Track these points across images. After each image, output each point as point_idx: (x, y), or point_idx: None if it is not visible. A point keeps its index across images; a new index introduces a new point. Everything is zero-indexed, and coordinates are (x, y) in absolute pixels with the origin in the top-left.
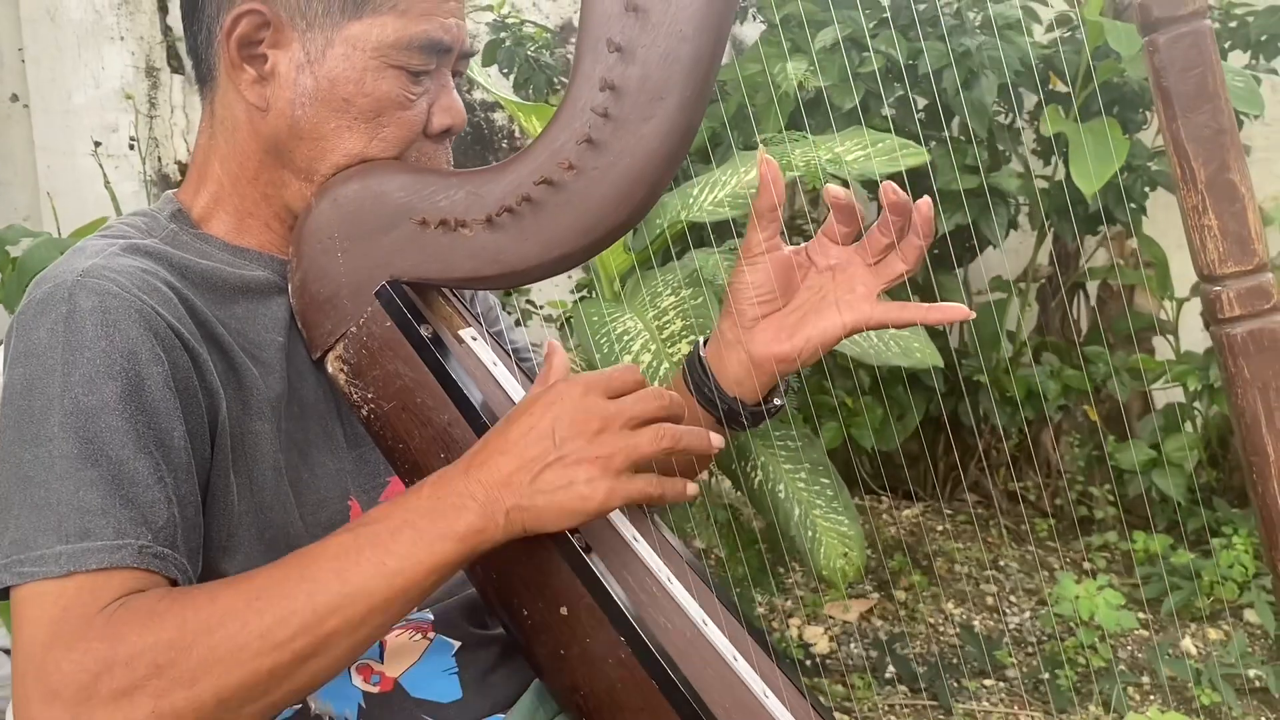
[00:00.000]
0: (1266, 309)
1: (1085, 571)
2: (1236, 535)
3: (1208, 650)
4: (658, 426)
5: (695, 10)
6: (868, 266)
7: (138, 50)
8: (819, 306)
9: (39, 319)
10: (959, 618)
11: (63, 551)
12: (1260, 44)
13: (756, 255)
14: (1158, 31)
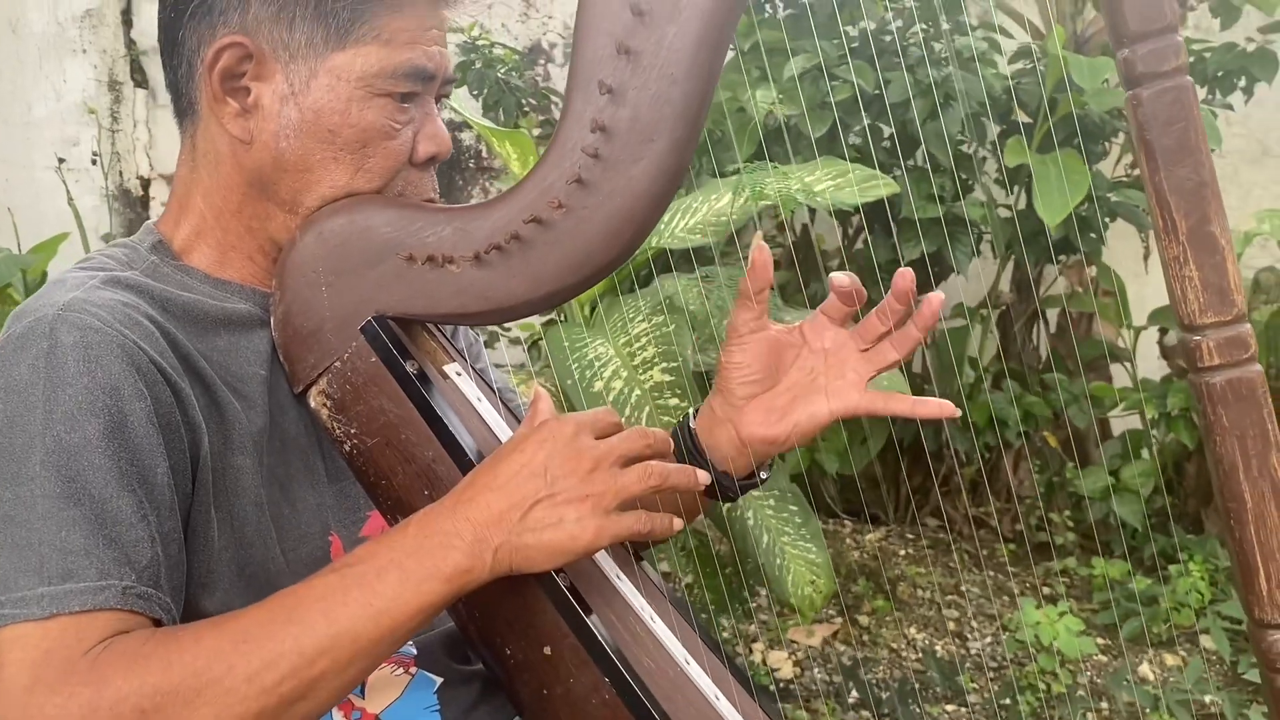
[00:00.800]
0: (1245, 358)
1: (1045, 597)
2: (1193, 561)
3: (1165, 676)
4: (645, 465)
5: (686, 54)
6: (860, 352)
7: (100, 64)
8: (808, 391)
9: (19, 354)
10: (921, 643)
11: (45, 593)
12: (1217, 79)
13: (744, 335)
14: (1141, 86)
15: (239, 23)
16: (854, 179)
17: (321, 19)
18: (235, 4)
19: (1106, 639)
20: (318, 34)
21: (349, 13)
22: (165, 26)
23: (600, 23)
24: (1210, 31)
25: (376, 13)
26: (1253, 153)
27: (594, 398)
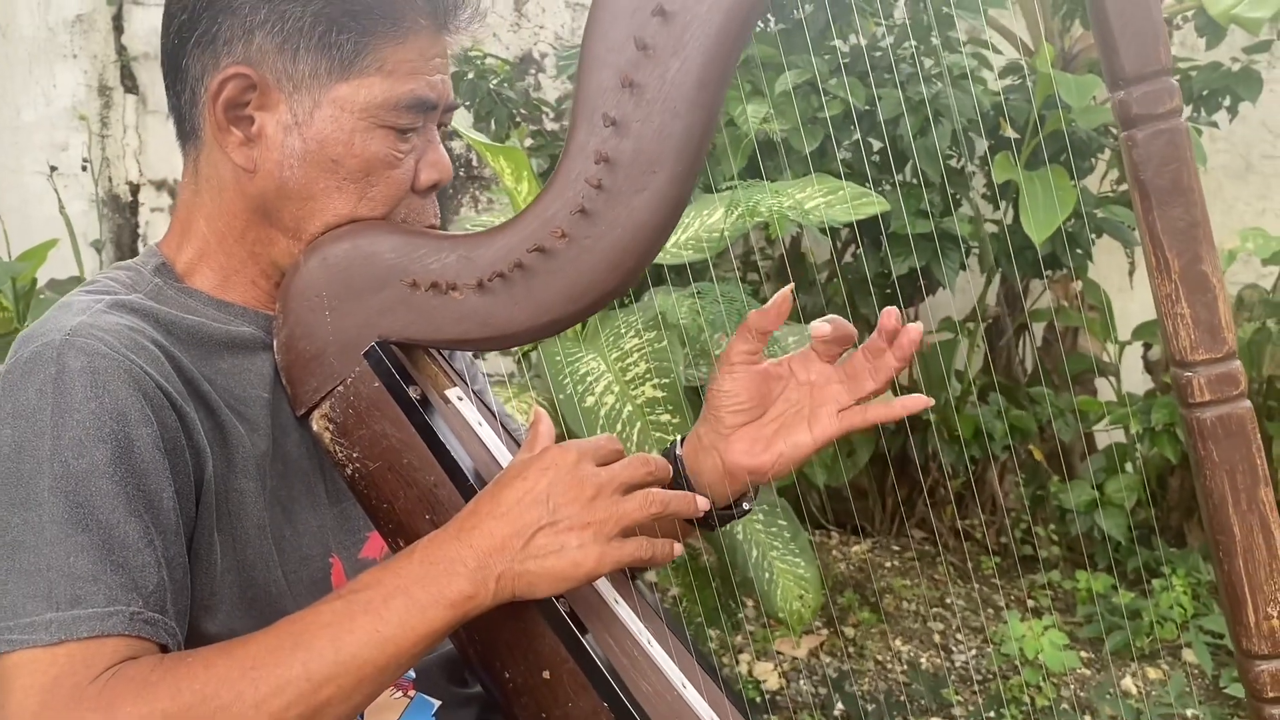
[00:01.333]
0: (1235, 395)
1: (1030, 610)
2: (1175, 575)
3: (1148, 689)
4: (646, 492)
5: (689, 89)
6: (841, 384)
7: (91, 69)
8: (793, 421)
9: (27, 379)
10: (906, 655)
11: (53, 619)
12: (1203, 98)
13: (735, 365)
14: (1136, 128)
15: (243, 53)
16: (846, 196)
17: (325, 51)
18: (239, 34)
19: (1090, 652)
20: (321, 65)
21: (352, 45)
22: (169, 53)
23: (605, 56)
24: (1196, 50)
25: (380, 45)
26: (1236, 168)
27: (586, 412)
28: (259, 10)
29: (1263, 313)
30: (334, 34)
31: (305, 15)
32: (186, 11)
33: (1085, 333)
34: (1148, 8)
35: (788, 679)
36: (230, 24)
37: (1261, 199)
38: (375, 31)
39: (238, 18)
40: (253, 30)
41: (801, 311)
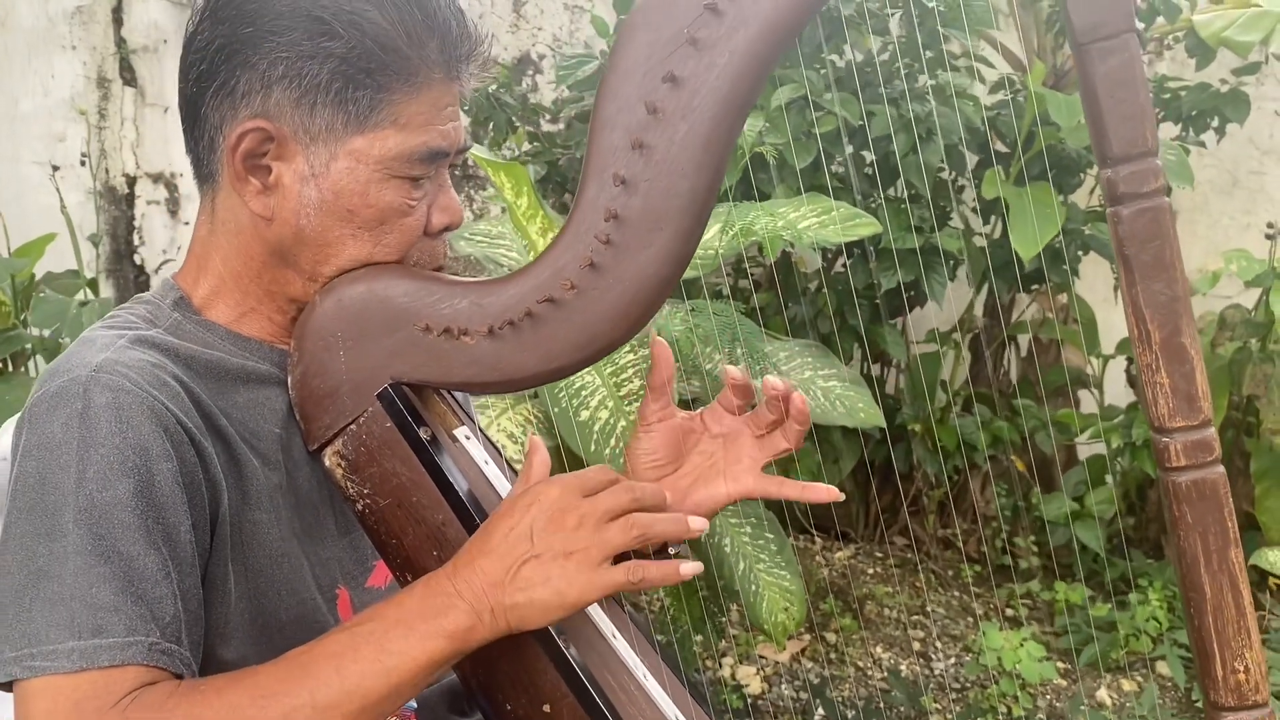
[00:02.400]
0: (1209, 460)
1: (1008, 619)
2: (1151, 588)
3: (1122, 701)
4: (627, 518)
5: (696, 151)
6: (755, 439)
7: (90, 60)
8: (708, 474)
9: (53, 413)
10: (887, 662)
11: (75, 647)
12: (1191, 118)
13: (651, 424)
14: (1122, 205)
15: (261, 106)
16: (838, 217)
17: (342, 105)
18: (258, 88)
19: (1066, 663)
20: (338, 120)
21: (368, 100)
22: (188, 99)
23: (617, 117)
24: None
25: (394, 99)
26: (1223, 183)
27: (580, 426)
28: (277, 66)
29: (1244, 332)
30: (350, 90)
31: (322, 72)
32: (206, 62)
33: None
34: (1136, 92)
35: (770, 683)
36: (249, 78)
37: (1247, 214)
38: (390, 87)
39: (256, 72)
40: (271, 85)
41: (790, 323)
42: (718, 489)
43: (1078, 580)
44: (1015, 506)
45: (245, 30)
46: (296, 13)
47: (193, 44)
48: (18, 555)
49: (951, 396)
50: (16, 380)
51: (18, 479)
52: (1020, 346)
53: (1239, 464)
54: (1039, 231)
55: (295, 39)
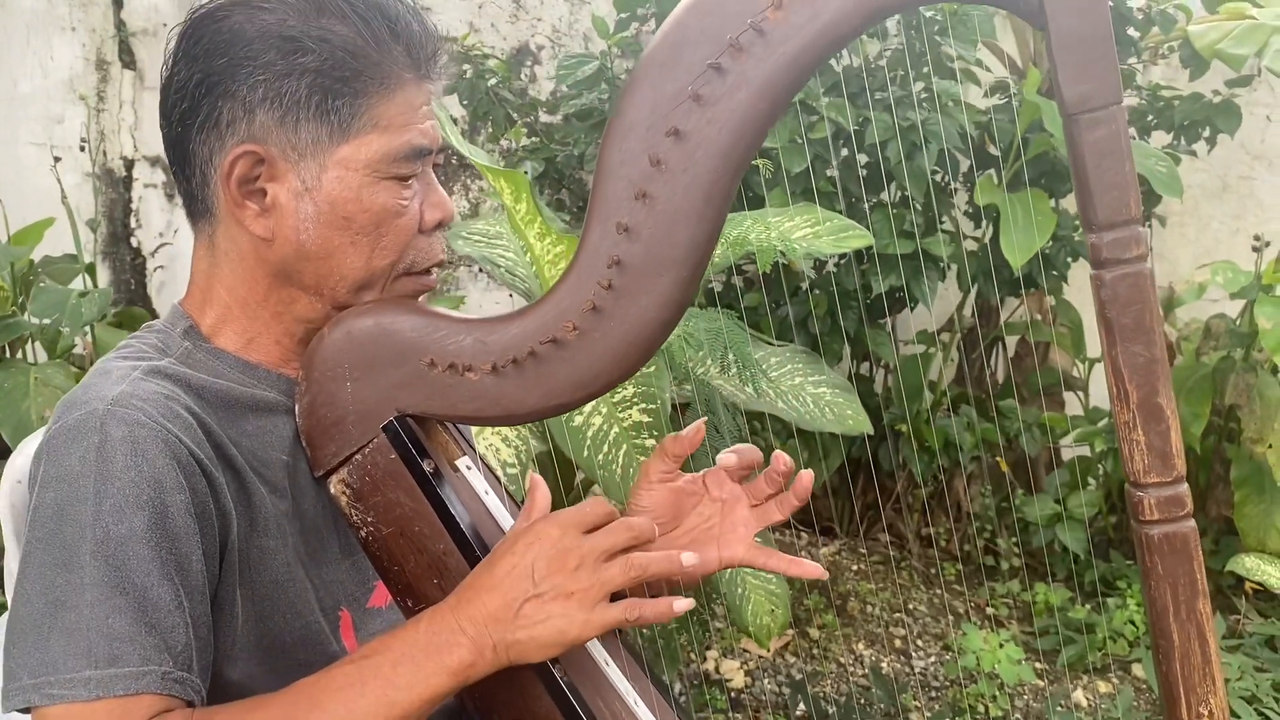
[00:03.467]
0: (1181, 515)
1: (989, 618)
2: (1129, 593)
3: (1097, 703)
4: (627, 558)
5: (697, 202)
6: (750, 508)
7: (89, 42)
8: (703, 537)
9: (71, 445)
10: (869, 659)
11: (91, 676)
12: (1183, 128)
13: (654, 483)
14: (1105, 269)
15: (246, 131)
16: (833, 227)
17: (323, 117)
18: (241, 115)
19: (1044, 664)
20: (322, 132)
21: (348, 109)
22: (174, 140)
23: (620, 168)
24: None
25: (372, 104)
26: (1213, 187)
27: (573, 431)
28: (257, 90)
29: (1228, 342)
30: (330, 101)
31: (300, 88)
32: (187, 100)
33: (1056, 347)
34: (1121, 163)
35: (752, 677)
36: (231, 106)
37: (1236, 219)
38: (366, 92)
39: (237, 99)
40: (253, 109)
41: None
42: (710, 555)
43: (1058, 581)
44: (998, 507)
45: (220, 62)
46: (266, 36)
47: (171, 86)
48: (37, 585)
49: (938, 397)
50: (15, 368)
51: (36, 509)
52: (1008, 347)
53: (1219, 470)
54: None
55: (270, 60)
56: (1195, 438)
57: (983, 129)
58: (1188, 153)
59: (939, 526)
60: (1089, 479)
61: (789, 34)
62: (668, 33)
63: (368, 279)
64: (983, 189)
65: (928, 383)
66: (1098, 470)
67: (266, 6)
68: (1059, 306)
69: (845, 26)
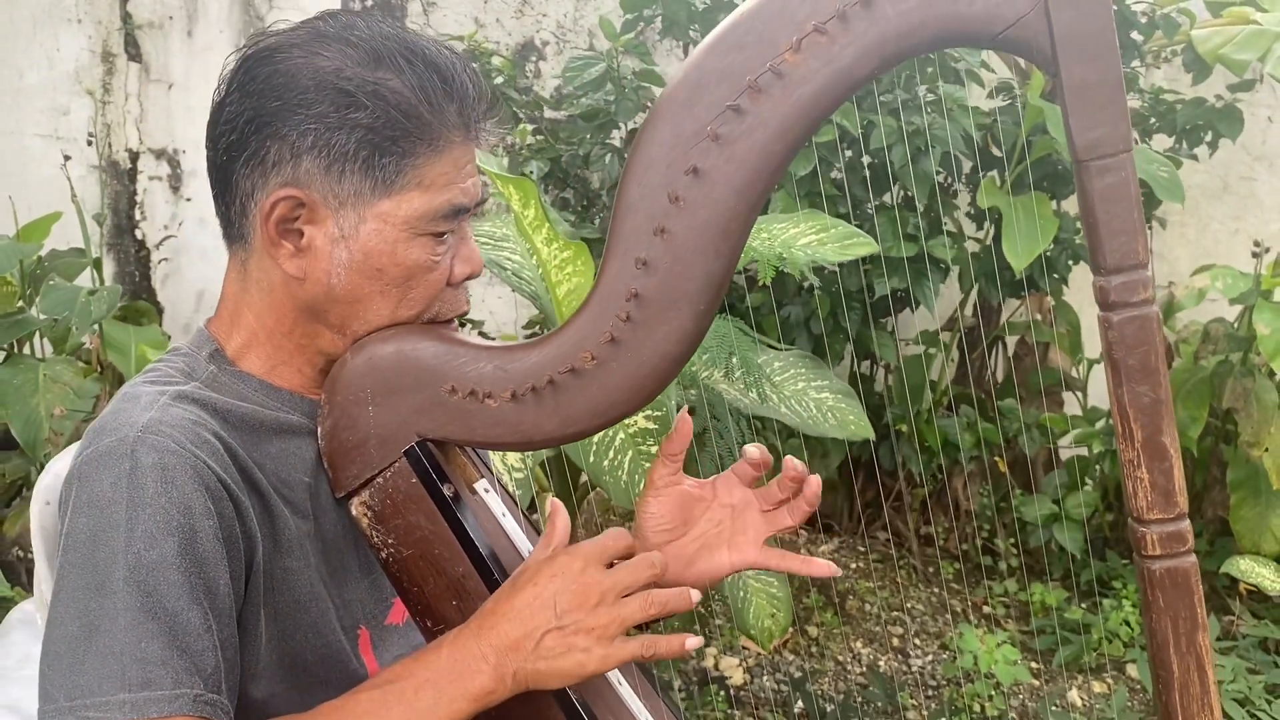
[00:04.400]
0: (1182, 551)
1: (985, 617)
2: (1125, 592)
3: (1092, 703)
4: (646, 595)
5: (714, 238)
6: (762, 513)
7: (95, 34)
8: (714, 543)
9: (102, 471)
10: (867, 657)
11: (126, 700)
12: (1185, 131)
13: (660, 489)
14: (1112, 312)
15: (291, 174)
16: (835, 235)
17: (369, 173)
18: (288, 157)
19: (1040, 663)
20: (365, 185)
21: (394, 166)
22: (218, 166)
23: (640, 204)
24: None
25: (417, 164)
26: (1213, 188)
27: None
28: (306, 137)
29: (1226, 346)
30: (376, 157)
31: (350, 142)
32: (236, 133)
33: (1055, 347)
34: (1130, 209)
35: (751, 675)
36: (279, 148)
37: (1236, 219)
38: (414, 152)
39: (286, 142)
40: (300, 155)
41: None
42: (721, 559)
43: (1055, 580)
44: (996, 507)
45: (273, 104)
46: (322, 86)
47: (221, 114)
48: (71, 608)
49: (938, 397)
50: (24, 364)
51: (69, 534)
52: (1008, 347)
53: (1215, 473)
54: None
55: (323, 111)
56: (1192, 440)
57: (986, 130)
58: (1189, 157)
59: (938, 525)
60: (1086, 479)
61: (806, 77)
62: (687, 73)
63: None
64: (986, 191)
65: (929, 382)
66: (1095, 471)
67: (326, 53)
68: (1059, 308)
69: (860, 71)
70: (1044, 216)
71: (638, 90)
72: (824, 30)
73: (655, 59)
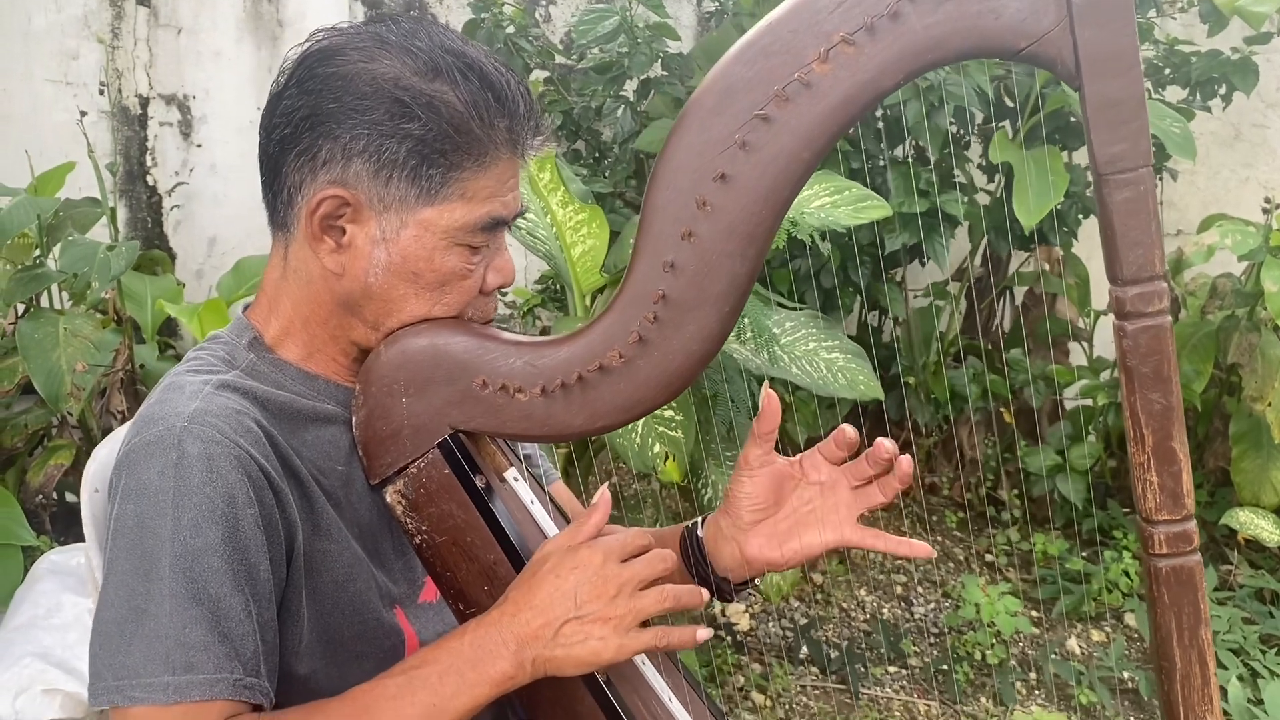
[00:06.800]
0: (1188, 550)
1: (987, 565)
2: (1125, 542)
3: (1090, 651)
4: (661, 589)
5: (740, 241)
6: (851, 490)
7: None
8: (806, 520)
9: (149, 460)
10: (870, 605)
11: (170, 682)
12: (1199, 84)
13: (754, 469)
14: (1128, 321)
15: (340, 174)
16: (849, 197)
17: (415, 180)
18: (339, 157)
19: (1040, 612)
20: (410, 192)
21: (440, 177)
22: (269, 156)
23: (668, 208)
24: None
25: (463, 177)
26: (1225, 135)
27: None
28: (358, 141)
29: (1233, 302)
30: (424, 168)
31: (400, 150)
32: (290, 126)
33: (1063, 298)
34: (1148, 222)
35: (758, 621)
36: (330, 147)
37: (1247, 167)
38: (461, 165)
39: (338, 143)
40: (351, 157)
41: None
42: (814, 537)
43: (1057, 530)
44: (1001, 457)
45: (330, 105)
46: (379, 94)
47: (278, 106)
48: (120, 592)
49: (946, 347)
50: (44, 318)
51: (118, 519)
52: (1016, 298)
53: (1218, 425)
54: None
55: (377, 118)
56: (1195, 394)
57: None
58: (1202, 109)
59: (943, 475)
60: (1090, 430)
61: (833, 87)
62: (716, 79)
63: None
64: (999, 145)
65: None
66: (1100, 422)
67: (386, 59)
68: (1068, 260)
69: (886, 82)
70: (1056, 171)
71: (651, 43)
72: (852, 41)
73: (667, 9)
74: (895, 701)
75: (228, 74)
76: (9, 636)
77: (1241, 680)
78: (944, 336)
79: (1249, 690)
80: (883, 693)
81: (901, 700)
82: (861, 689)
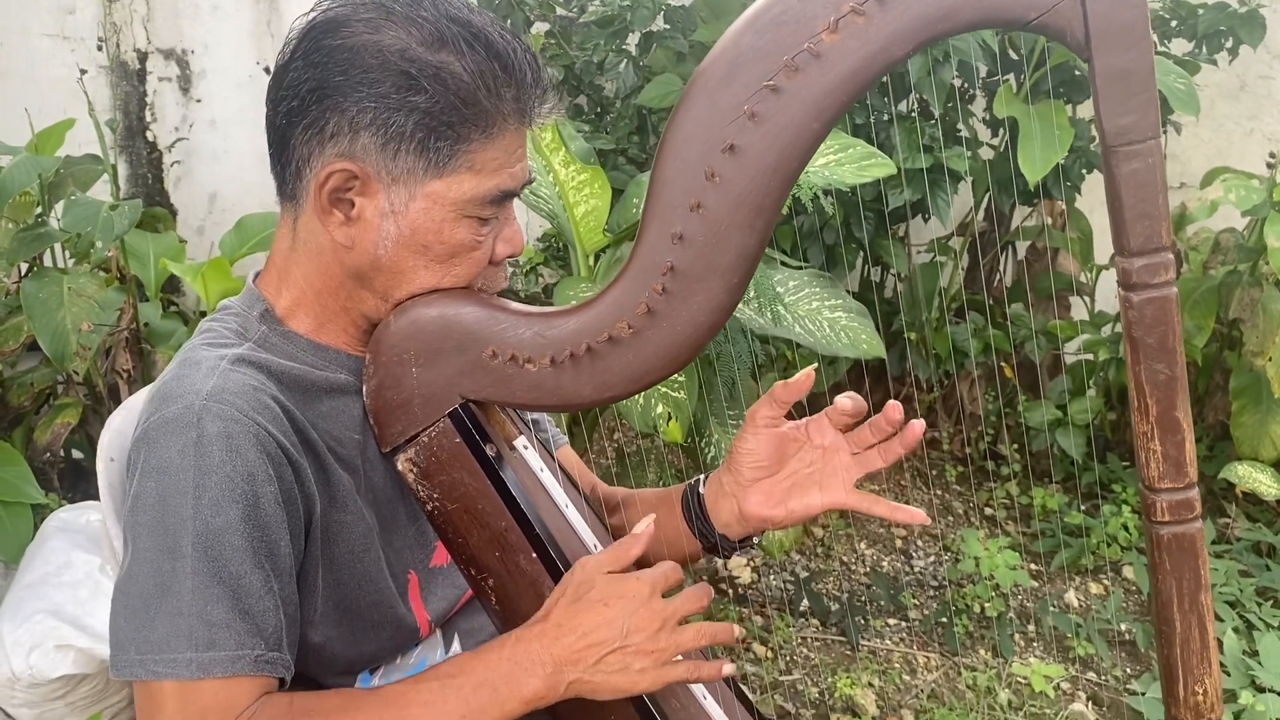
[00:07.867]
0: (1190, 518)
1: (987, 518)
2: (1124, 495)
3: (1088, 604)
4: (699, 627)
5: (748, 213)
6: (852, 455)
7: None
8: (805, 482)
9: (169, 439)
10: (870, 558)
11: (193, 658)
12: (1206, 37)
13: (760, 428)
14: (1133, 292)
15: (348, 147)
16: (854, 155)
17: (423, 153)
18: (346, 131)
19: (1039, 565)
20: (419, 165)
21: (448, 149)
22: (277, 129)
23: (677, 179)
24: None
25: (471, 149)
26: (1230, 87)
27: None
28: (365, 114)
29: (1235, 257)
30: (432, 140)
31: (407, 123)
32: (297, 99)
33: (1066, 252)
34: (1155, 194)
35: (759, 574)
36: (338, 120)
37: (1252, 119)
38: (468, 137)
39: (345, 116)
40: (359, 130)
41: (798, 232)
42: (813, 498)
43: (1056, 484)
44: (1001, 411)
45: (336, 78)
46: (386, 67)
47: (284, 79)
48: (144, 567)
49: (948, 302)
50: (48, 277)
51: (138, 496)
52: (1018, 252)
53: (1218, 379)
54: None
55: (384, 91)
56: (1196, 349)
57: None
58: (1208, 62)
59: (943, 429)
60: (1090, 384)
61: (843, 57)
62: (724, 49)
63: None
64: (1004, 99)
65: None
66: (1100, 376)
67: (391, 30)
68: (1072, 215)
69: (897, 52)
70: (1060, 126)
71: None
72: (862, 11)
73: None
74: (895, 653)
75: (226, 28)
76: (20, 594)
77: (1237, 632)
78: (946, 292)
79: (1244, 642)
80: (882, 644)
81: (901, 652)
82: (862, 641)
